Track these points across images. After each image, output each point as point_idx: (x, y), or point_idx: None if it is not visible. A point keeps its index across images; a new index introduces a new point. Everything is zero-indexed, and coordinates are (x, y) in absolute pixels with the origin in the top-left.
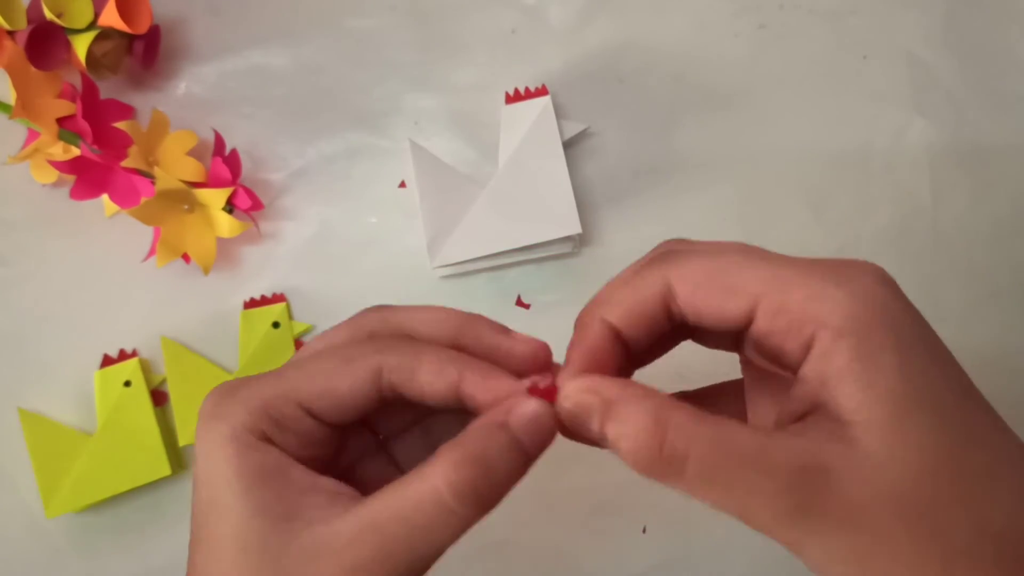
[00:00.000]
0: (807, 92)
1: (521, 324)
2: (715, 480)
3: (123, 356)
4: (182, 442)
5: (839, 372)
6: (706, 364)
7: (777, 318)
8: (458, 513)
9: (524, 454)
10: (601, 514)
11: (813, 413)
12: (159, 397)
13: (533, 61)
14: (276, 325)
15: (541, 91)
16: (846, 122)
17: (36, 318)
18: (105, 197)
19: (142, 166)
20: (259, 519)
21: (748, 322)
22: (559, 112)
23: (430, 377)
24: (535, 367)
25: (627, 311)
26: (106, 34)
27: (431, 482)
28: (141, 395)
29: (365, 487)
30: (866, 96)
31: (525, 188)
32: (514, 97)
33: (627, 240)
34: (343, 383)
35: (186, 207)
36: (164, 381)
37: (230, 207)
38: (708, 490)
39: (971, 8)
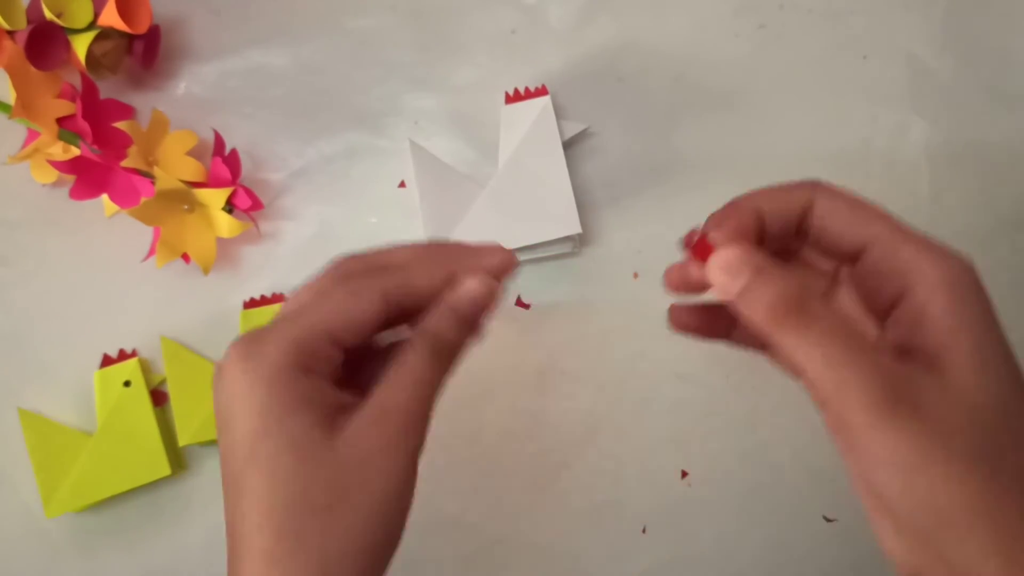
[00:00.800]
0: (807, 92)
1: (521, 324)
2: (833, 345)
3: (123, 356)
4: (182, 442)
5: (933, 315)
6: (706, 362)
7: (884, 260)
8: (433, 368)
9: (467, 324)
10: (601, 514)
11: (909, 340)
12: (159, 397)
13: (533, 61)
14: None
15: (541, 91)
16: (846, 122)
17: (36, 318)
18: (105, 197)
19: (142, 166)
20: (311, 436)
21: (857, 255)
22: (559, 112)
23: (426, 282)
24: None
25: (775, 207)
26: (106, 34)
27: (413, 354)
28: (141, 395)
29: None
30: (866, 96)
31: (525, 188)
32: (514, 97)
33: (627, 240)
34: (359, 312)
35: (186, 207)
36: (164, 381)
37: (230, 207)
38: (824, 352)
39: (971, 8)
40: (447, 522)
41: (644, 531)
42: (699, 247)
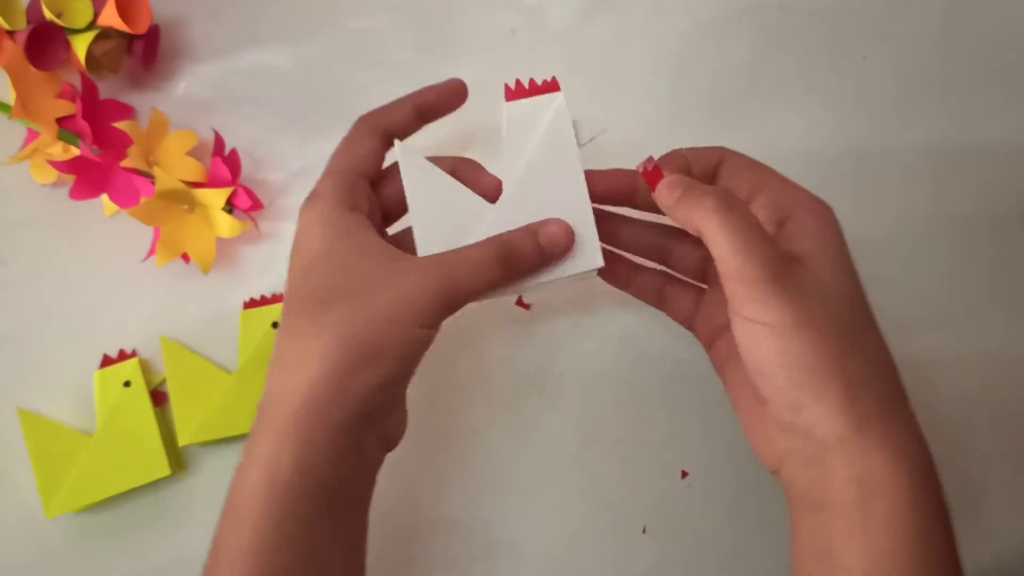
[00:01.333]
0: (807, 92)
1: (522, 324)
2: (744, 232)
3: (123, 356)
4: (182, 442)
5: (806, 231)
6: (706, 362)
7: (774, 196)
8: (496, 269)
9: (541, 252)
10: (601, 514)
11: (781, 234)
12: (159, 397)
13: (533, 61)
14: (276, 325)
15: (551, 85)
16: (846, 122)
17: (36, 318)
18: (105, 197)
19: (142, 166)
20: (359, 253)
21: (752, 198)
22: None
23: (398, 111)
24: (461, 90)
25: (697, 157)
26: (106, 34)
27: (485, 247)
28: (141, 395)
29: None
30: (866, 96)
31: (537, 209)
32: (517, 91)
33: None
34: (364, 148)
35: (186, 207)
36: (164, 381)
37: (230, 207)
38: (735, 236)
39: (971, 8)
40: (447, 522)
41: (644, 531)
42: (651, 174)
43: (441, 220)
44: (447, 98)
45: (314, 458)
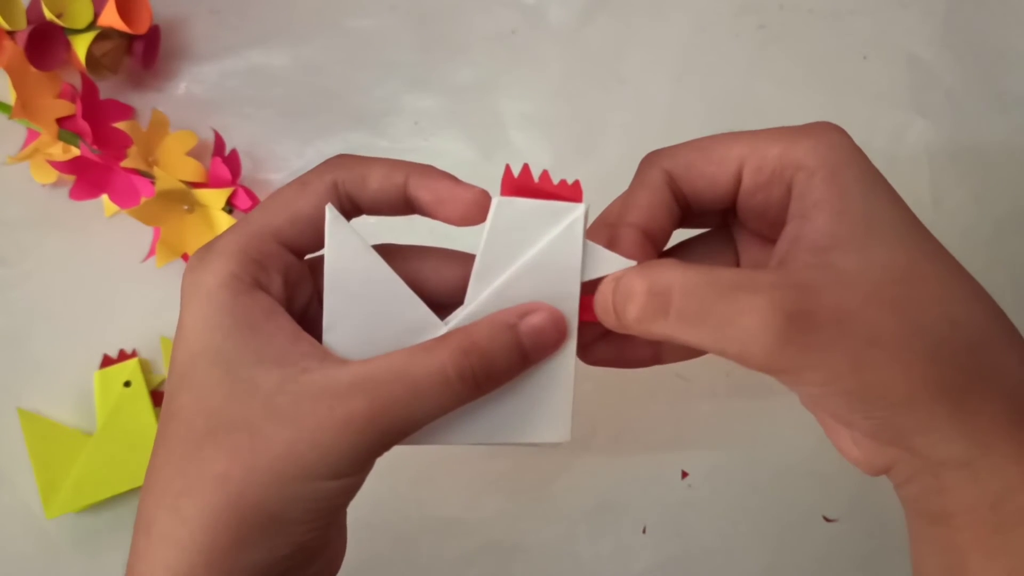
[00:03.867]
0: (807, 92)
1: None
2: (704, 311)
3: (123, 356)
4: None
5: (816, 203)
6: (706, 362)
7: (760, 173)
8: (455, 390)
9: (523, 355)
10: (601, 514)
11: (792, 249)
12: (159, 397)
13: (533, 61)
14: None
15: (572, 189)
16: (846, 122)
17: (36, 318)
18: (105, 197)
19: (142, 166)
20: (253, 362)
21: (737, 186)
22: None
23: (379, 181)
24: (478, 212)
25: (645, 210)
26: (106, 34)
27: (439, 358)
28: (141, 395)
29: None
30: (866, 96)
31: None
32: (521, 182)
33: None
34: (306, 204)
35: (186, 207)
36: (164, 381)
37: (230, 207)
38: (700, 322)
39: (971, 8)
40: (447, 522)
41: (644, 531)
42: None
43: (366, 325)
44: (460, 210)
45: None
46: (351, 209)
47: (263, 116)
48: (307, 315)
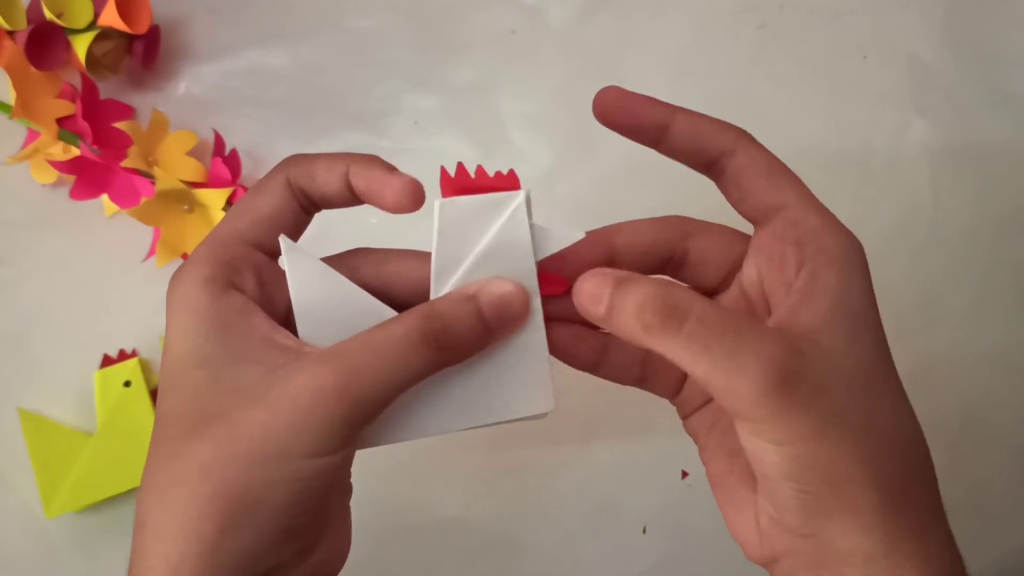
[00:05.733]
0: (807, 92)
1: None
2: (710, 341)
3: (123, 356)
4: None
5: (823, 289)
6: None
7: (793, 227)
8: (420, 353)
9: (485, 324)
10: (601, 514)
11: (789, 318)
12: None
13: (533, 61)
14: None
15: (508, 179)
16: (846, 122)
17: (36, 318)
18: (105, 197)
19: (142, 166)
20: (231, 360)
21: (767, 218)
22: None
23: (324, 173)
24: (408, 200)
25: (698, 135)
26: (106, 34)
27: (403, 324)
28: (141, 395)
29: None
30: (866, 96)
31: None
32: (458, 181)
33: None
34: (264, 204)
35: (186, 207)
36: None
37: (230, 207)
38: (704, 350)
39: (971, 8)
40: (447, 522)
41: (644, 531)
42: (556, 282)
43: (339, 339)
44: (390, 197)
45: None
46: (306, 204)
47: (263, 116)
48: (290, 310)
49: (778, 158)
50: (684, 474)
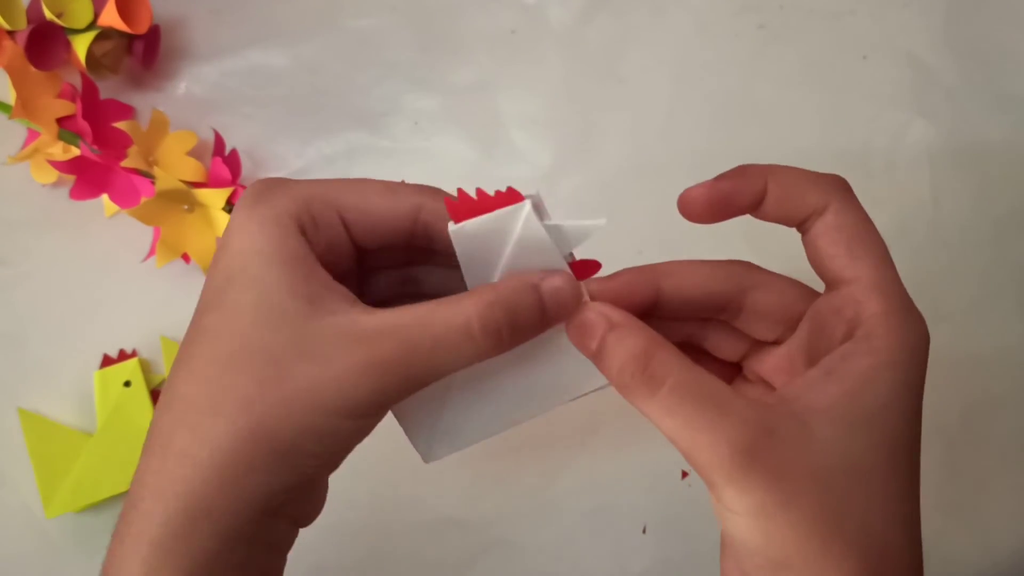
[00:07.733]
0: (807, 92)
1: None
2: (681, 408)
3: (123, 356)
4: None
5: (844, 374)
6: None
7: (853, 305)
8: (478, 343)
9: (544, 314)
10: (601, 514)
11: (797, 391)
12: (159, 397)
13: (533, 61)
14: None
15: (509, 196)
16: (846, 122)
17: (36, 318)
18: (105, 197)
19: (142, 166)
20: (287, 293)
21: (835, 287)
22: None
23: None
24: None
25: (783, 184)
26: (106, 34)
27: (464, 310)
28: (141, 395)
29: None
30: (866, 96)
31: (519, 353)
32: (462, 206)
33: (627, 241)
34: (384, 204)
35: (186, 207)
36: (164, 381)
37: (230, 207)
38: (672, 415)
39: (971, 8)
40: (447, 522)
41: (644, 531)
42: (580, 267)
43: None
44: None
45: None
46: (420, 236)
47: (263, 116)
48: None
49: (869, 220)
50: (684, 474)
